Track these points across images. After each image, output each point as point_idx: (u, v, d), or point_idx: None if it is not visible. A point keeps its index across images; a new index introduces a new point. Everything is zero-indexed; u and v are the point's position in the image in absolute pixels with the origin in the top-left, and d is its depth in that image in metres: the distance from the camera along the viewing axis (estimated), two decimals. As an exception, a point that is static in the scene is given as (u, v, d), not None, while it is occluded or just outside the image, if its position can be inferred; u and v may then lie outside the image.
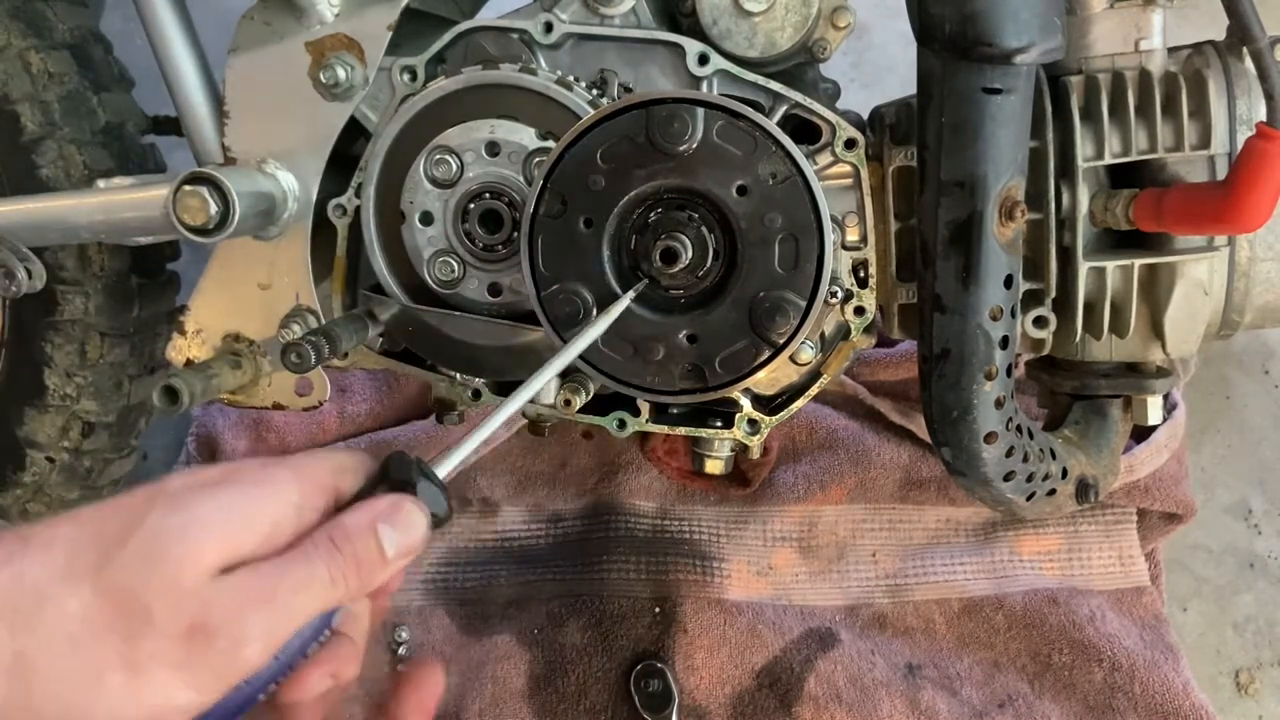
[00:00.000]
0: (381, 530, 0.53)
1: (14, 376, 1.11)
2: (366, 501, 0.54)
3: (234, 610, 0.48)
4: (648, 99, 0.80)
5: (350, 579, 0.51)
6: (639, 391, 0.88)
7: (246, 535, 0.50)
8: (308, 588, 0.50)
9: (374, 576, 0.52)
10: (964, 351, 0.83)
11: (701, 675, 1.23)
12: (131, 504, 0.50)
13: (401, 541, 0.53)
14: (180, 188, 0.87)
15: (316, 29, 0.93)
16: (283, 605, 0.49)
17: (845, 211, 0.92)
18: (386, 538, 0.53)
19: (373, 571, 0.52)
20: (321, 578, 0.51)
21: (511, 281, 0.93)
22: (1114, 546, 1.33)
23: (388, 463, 0.57)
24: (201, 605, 0.47)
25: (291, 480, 0.53)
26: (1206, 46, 0.89)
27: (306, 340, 0.86)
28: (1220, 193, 0.78)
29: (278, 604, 0.49)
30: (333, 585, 0.51)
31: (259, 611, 0.48)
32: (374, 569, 0.52)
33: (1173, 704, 1.20)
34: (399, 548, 0.53)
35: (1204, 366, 1.45)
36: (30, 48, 1.02)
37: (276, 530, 0.51)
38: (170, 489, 0.51)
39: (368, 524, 0.53)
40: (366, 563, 0.52)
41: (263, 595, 0.49)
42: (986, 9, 0.74)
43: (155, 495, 0.50)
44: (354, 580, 0.51)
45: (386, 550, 0.52)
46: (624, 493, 1.36)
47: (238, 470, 0.53)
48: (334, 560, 0.51)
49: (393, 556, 0.53)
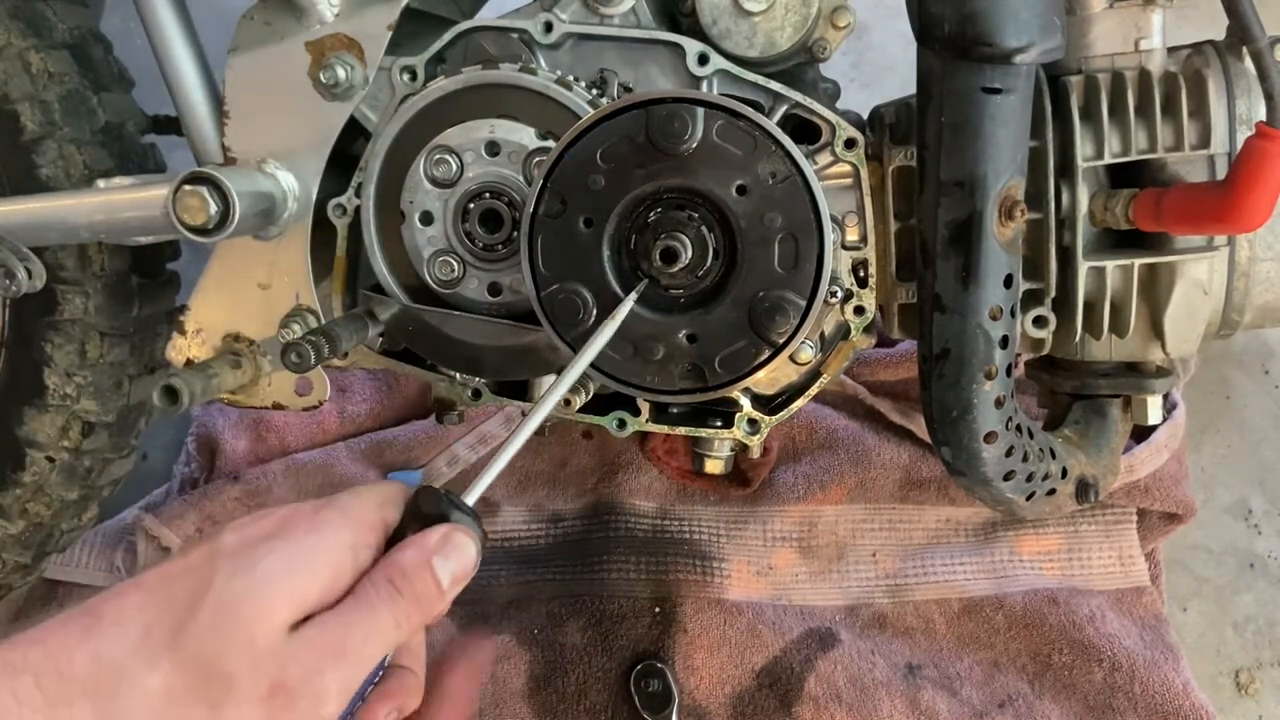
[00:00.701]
0: (436, 564, 0.55)
1: (14, 376, 1.11)
2: (417, 537, 0.56)
3: (312, 668, 0.50)
4: (647, 99, 0.80)
5: (414, 618, 0.54)
6: (639, 391, 0.88)
7: (311, 585, 0.52)
8: (377, 636, 0.53)
9: (434, 610, 0.55)
10: (964, 351, 0.83)
11: (701, 675, 1.23)
12: (194, 566, 0.52)
13: (456, 571, 0.55)
14: (180, 187, 0.87)
15: (316, 29, 0.93)
16: (354, 657, 0.51)
17: (845, 211, 0.92)
18: (442, 570, 0.55)
19: (432, 606, 0.55)
20: (387, 623, 0.53)
21: (511, 281, 0.93)
22: (1114, 546, 1.33)
23: (417, 499, 0.58)
24: (279, 666, 0.49)
25: (343, 523, 0.55)
26: (1206, 46, 0.89)
27: (306, 340, 0.86)
28: (1220, 192, 0.78)
29: (350, 656, 0.51)
30: (398, 629, 0.53)
31: (335, 668, 0.50)
32: (433, 603, 0.55)
33: (1173, 704, 1.20)
34: (454, 577, 0.55)
35: (1204, 366, 1.45)
36: (30, 47, 1.02)
37: (338, 576, 0.53)
38: (228, 548, 0.53)
39: (423, 561, 0.55)
40: (426, 599, 0.54)
41: (336, 650, 0.51)
42: (986, 9, 0.74)
43: (215, 556, 0.52)
44: (416, 619, 0.54)
45: (443, 583, 0.55)
46: (624, 493, 1.36)
47: (290, 520, 0.55)
48: (397, 604, 0.53)
49: (448, 587, 0.55)
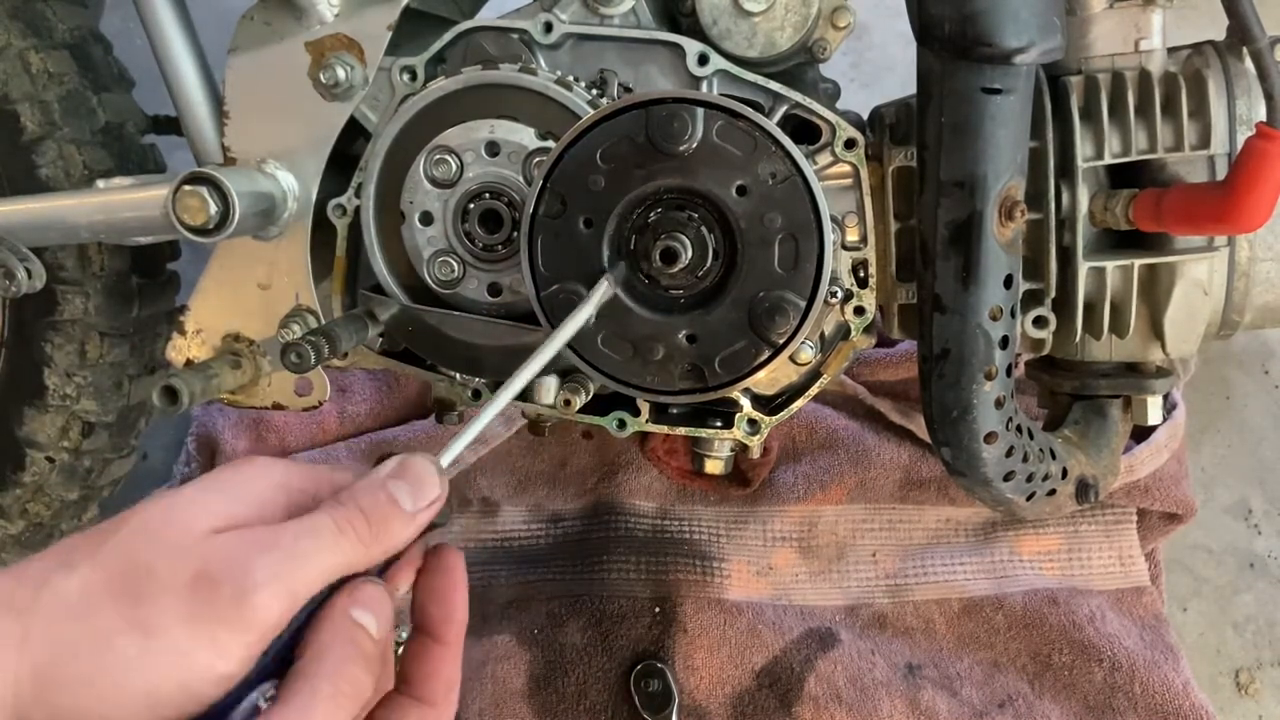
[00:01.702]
0: (392, 485, 0.51)
1: (14, 376, 1.12)
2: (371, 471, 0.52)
3: (237, 556, 0.46)
4: (647, 99, 0.80)
5: (359, 526, 0.49)
6: (639, 391, 0.88)
7: (236, 508, 0.49)
8: (311, 533, 0.48)
9: (390, 527, 0.50)
10: (964, 351, 0.83)
11: (701, 675, 1.23)
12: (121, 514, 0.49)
13: (416, 493, 0.51)
14: (180, 188, 0.87)
15: (316, 29, 0.93)
16: (287, 550, 0.47)
17: (845, 211, 0.92)
18: (399, 490, 0.51)
19: (387, 521, 0.50)
20: (327, 525, 0.48)
21: (511, 281, 0.93)
22: (1114, 546, 1.33)
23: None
24: (202, 557, 0.45)
25: (274, 464, 0.52)
26: (1206, 46, 0.89)
27: (306, 340, 0.86)
28: (1220, 193, 0.78)
29: (282, 548, 0.47)
30: (340, 533, 0.48)
31: (263, 555, 0.46)
32: (388, 519, 0.50)
33: (1173, 704, 1.20)
34: (415, 499, 0.51)
35: (1204, 366, 1.45)
36: (30, 48, 1.02)
37: (265, 505, 0.50)
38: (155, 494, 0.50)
39: (375, 483, 0.51)
40: (377, 513, 0.50)
41: (264, 542, 0.47)
42: (986, 9, 0.74)
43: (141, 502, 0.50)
44: (363, 528, 0.49)
45: (399, 500, 0.51)
46: (624, 493, 1.36)
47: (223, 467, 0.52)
48: (338, 510, 0.49)
49: (411, 509, 0.51)
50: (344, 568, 0.49)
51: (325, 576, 0.48)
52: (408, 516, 0.51)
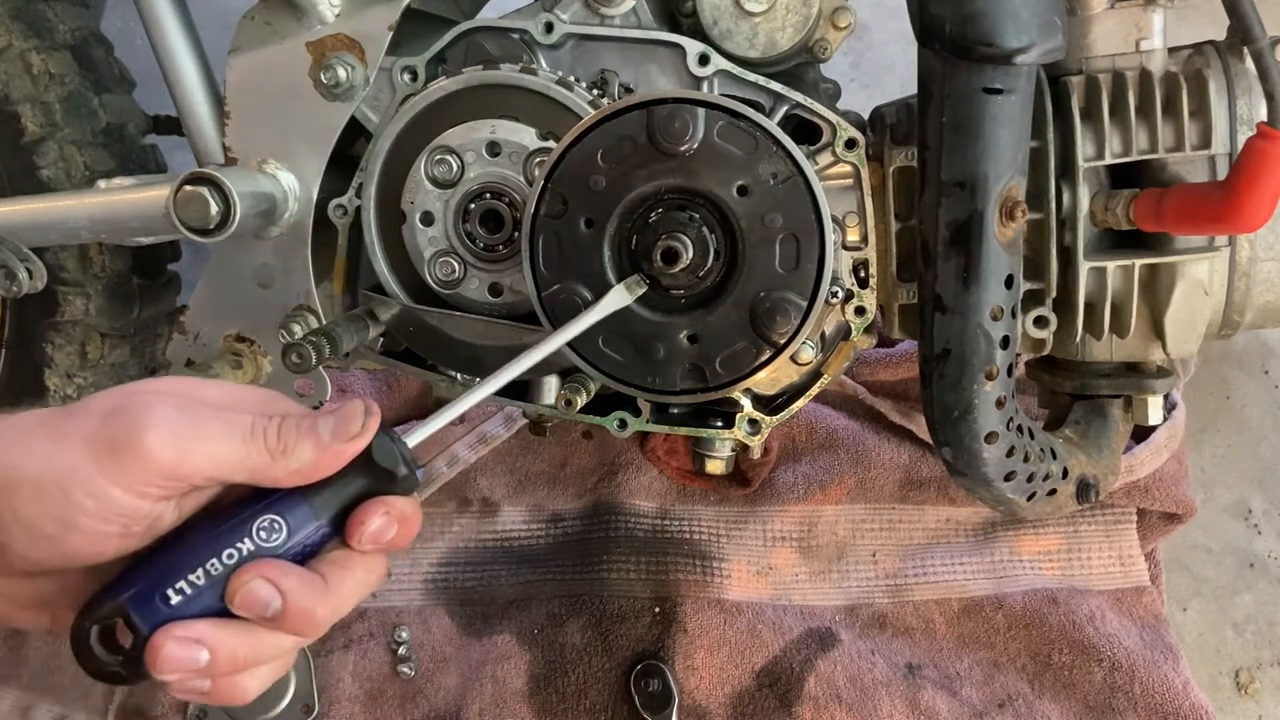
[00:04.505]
0: (320, 417, 0.56)
1: (15, 377, 1.12)
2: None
3: (154, 405, 0.52)
4: (649, 99, 0.80)
5: (269, 435, 0.54)
6: (639, 391, 0.88)
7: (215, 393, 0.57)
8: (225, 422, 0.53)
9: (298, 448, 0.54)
10: (964, 351, 0.83)
11: (701, 675, 1.23)
12: None
13: (337, 427, 0.55)
14: (181, 188, 0.87)
15: (317, 29, 0.93)
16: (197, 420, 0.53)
17: (846, 211, 0.92)
18: (323, 421, 0.55)
19: (298, 441, 0.54)
20: (242, 421, 0.54)
21: (512, 281, 0.93)
22: (1114, 546, 1.33)
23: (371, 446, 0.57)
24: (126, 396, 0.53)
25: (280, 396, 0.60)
26: (1207, 46, 0.89)
27: (307, 340, 0.86)
28: (1221, 193, 0.78)
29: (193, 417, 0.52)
30: (250, 433, 0.53)
31: (173, 412, 0.52)
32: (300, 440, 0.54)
33: (1173, 704, 1.20)
34: (333, 433, 0.55)
35: (1204, 366, 1.45)
36: (31, 49, 1.02)
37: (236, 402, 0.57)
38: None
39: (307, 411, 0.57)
40: (291, 431, 0.54)
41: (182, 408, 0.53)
42: (987, 9, 0.74)
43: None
44: (273, 438, 0.54)
45: (319, 431, 0.55)
46: (624, 493, 1.36)
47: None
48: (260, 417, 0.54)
49: (326, 439, 0.55)
50: (243, 460, 0.53)
51: (221, 458, 0.53)
52: (321, 443, 0.55)
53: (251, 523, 0.53)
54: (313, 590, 0.54)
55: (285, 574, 0.53)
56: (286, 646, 0.55)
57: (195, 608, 0.52)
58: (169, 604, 0.51)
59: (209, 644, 0.52)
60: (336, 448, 0.55)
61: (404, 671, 1.25)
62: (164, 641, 0.51)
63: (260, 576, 0.52)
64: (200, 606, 0.52)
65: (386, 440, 0.57)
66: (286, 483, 0.54)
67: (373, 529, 0.56)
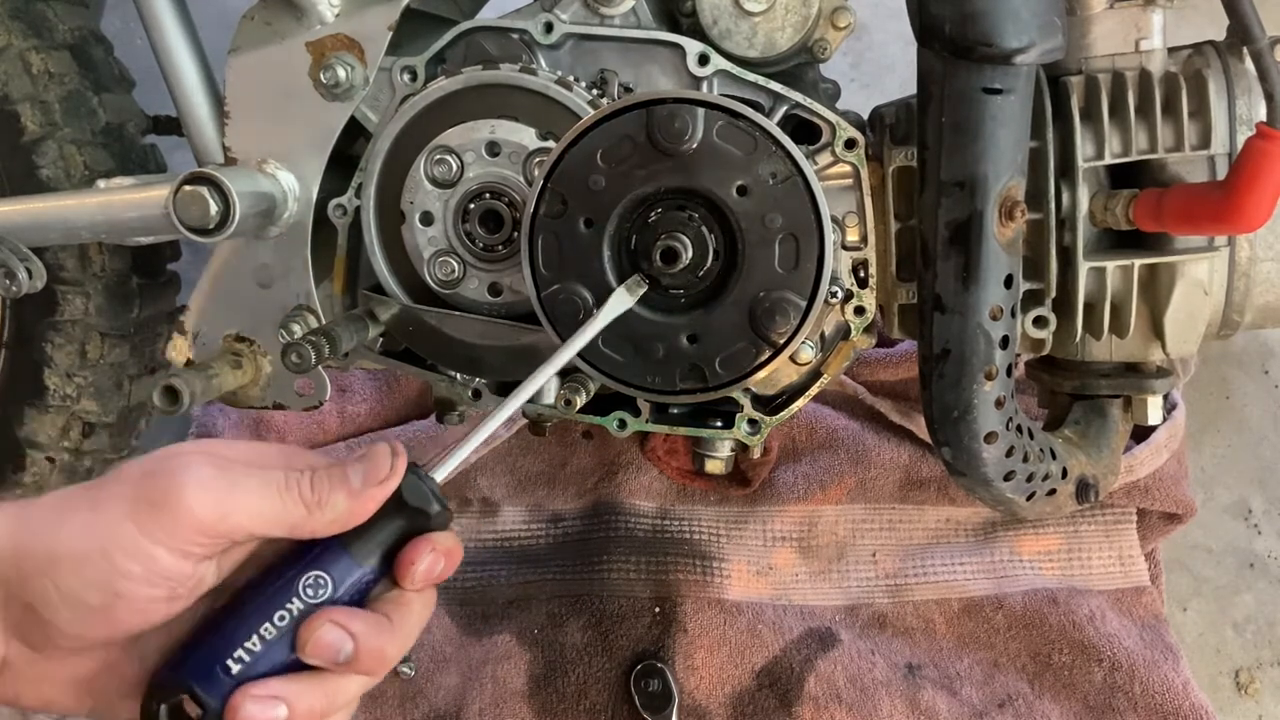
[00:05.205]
0: (350, 464, 0.56)
1: (14, 376, 1.12)
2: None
3: (188, 465, 0.52)
4: (648, 99, 0.80)
5: (303, 487, 0.54)
6: (639, 391, 0.88)
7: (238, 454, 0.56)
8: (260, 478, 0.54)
9: (333, 497, 0.54)
10: (964, 351, 0.83)
11: (701, 675, 1.23)
12: None
13: (367, 473, 0.56)
14: (181, 188, 0.87)
15: (317, 29, 0.93)
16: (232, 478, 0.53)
17: (845, 211, 0.92)
18: (352, 469, 0.56)
19: (331, 491, 0.54)
20: (276, 477, 0.54)
21: (512, 281, 0.93)
22: (1114, 546, 1.33)
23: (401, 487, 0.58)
24: (158, 461, 0.53)
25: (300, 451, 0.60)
26: (1206, 46, 0.89)
27: (307, 340, 0.86)
28: (1220, 193, 0.78)
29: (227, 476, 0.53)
30: (285, 486, 0.54)
31: (208, 470, 0.52)
32: (333, 489, 0.55)
33: (1173, 704, 1.20)
34: (364, 479, 0.56)
35: (1204, 366, 1.45)
36: (31, 48, 1.02)
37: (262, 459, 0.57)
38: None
39: (337, 460, 0.57)
40: (323, 482, 0.55)
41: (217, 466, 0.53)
42: (986, 9, 0.74)
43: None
44: (306, 489, 0.54)
45: (350, 479, 0.55)
46: (624, 493, 1.36)
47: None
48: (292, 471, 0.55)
49: (358, 486, 0.55)
50: (280, 515, 0.54)
51: (259, 513, 0.53)
52: (353, 491, 0.55)
53: (296, 582, 0.54)
54: (380, 630, 0.55)
55: (352, 618, 0.54)
56: (355, 691, 0.56)
57: (258, 671, 0.53)
58: (230, 674, 0.52)
59: (285, 698, 0.52)
60: (369, 493, 0.55)
61: (404, 671, 1.25)
62: (242, 701, 0.52)
63: (330, 622, 0.53)
64: (264, 668, 0.53)
65: (415, 479, 0.58)
66: (324, 533, 0.55)
67: (423, 568, 0.57)
